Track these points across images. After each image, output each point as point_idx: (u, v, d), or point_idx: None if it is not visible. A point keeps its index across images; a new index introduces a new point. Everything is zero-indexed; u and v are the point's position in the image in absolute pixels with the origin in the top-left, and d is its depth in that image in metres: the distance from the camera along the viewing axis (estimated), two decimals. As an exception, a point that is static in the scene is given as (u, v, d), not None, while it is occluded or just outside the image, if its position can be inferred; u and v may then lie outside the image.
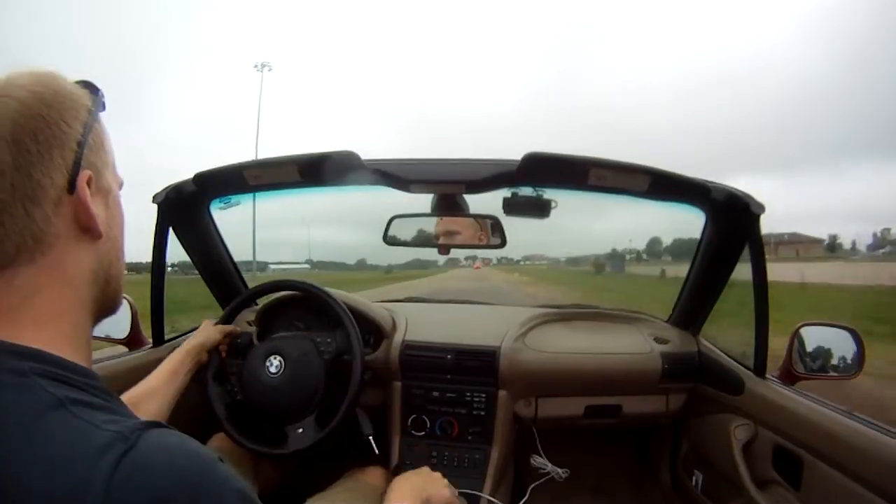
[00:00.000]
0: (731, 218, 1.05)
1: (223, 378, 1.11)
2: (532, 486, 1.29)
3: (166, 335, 1.30)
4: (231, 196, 1.21)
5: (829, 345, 1.13)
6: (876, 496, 0.74)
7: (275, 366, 1.06)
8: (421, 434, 1.21)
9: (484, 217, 1.15)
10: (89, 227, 0.42)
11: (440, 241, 1.19)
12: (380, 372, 1.24)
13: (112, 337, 1.25)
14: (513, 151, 0.98)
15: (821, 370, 1.12)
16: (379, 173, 1.04)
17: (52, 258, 0.41)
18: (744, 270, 1.05)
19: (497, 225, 1.12)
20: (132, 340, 1.26)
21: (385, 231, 1.16)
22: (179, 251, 1.30)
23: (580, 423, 1.28)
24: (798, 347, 1.12)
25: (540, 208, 1.04)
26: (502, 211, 1.07)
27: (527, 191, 1.04)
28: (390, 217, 1.15)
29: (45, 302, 0.40)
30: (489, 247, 1.15)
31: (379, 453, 1.15)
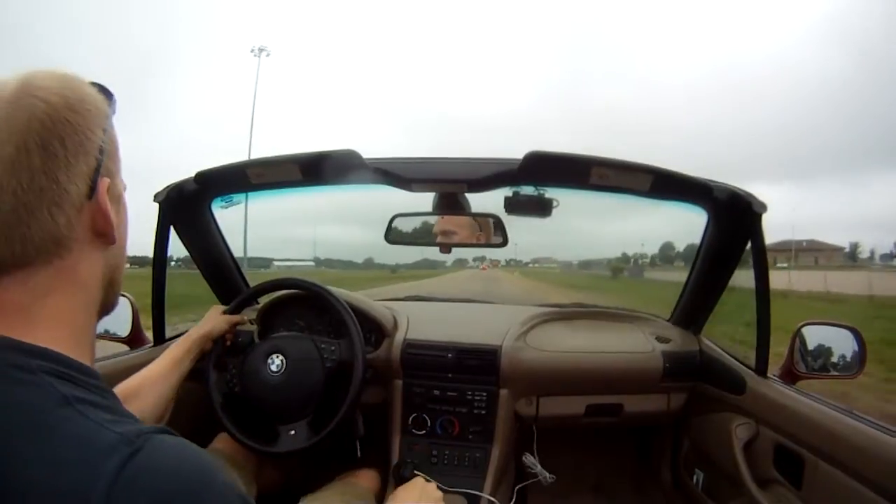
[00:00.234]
0: (734, 217, 1.05)
1: (223, 367, 1.11)
2: (518, 487, 1.28)
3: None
4: (232, 195, 1.21)
5: (831, 344, 1.13)
6: (877, 495, 0.74)
7: (276, 364, 1.06)
8: (421, 433, 1.21)
9: (485, 216, 1.15)
10: (105, 233, 0.44)
11: (441, 240, 1.19)
12: (381, 370, 1.24)
13: (113, 335, 1.25)
14: (522, 153, 0.98)
15: (822, 369, 1.12)
16: (380, 172, 1.04)
17: (69, 262, 0.42)
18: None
19: (499, 224, 1.12)
20: (133, 339, 1.26)
21: (387, 229, 1.16)
22: (183, 246, 1.30)
23: (581, 422, 1.28)
24: (799, 347, 1.12)
25: (541, 207, 1.04)
26: (504, 210, 1.07)
27: (528, 190, 1.04)
28: (392, 216, 1.15)
29: (57, 303, 0.41)
30: (490, 245, 1.15)
31: (362, 456, 1.17)
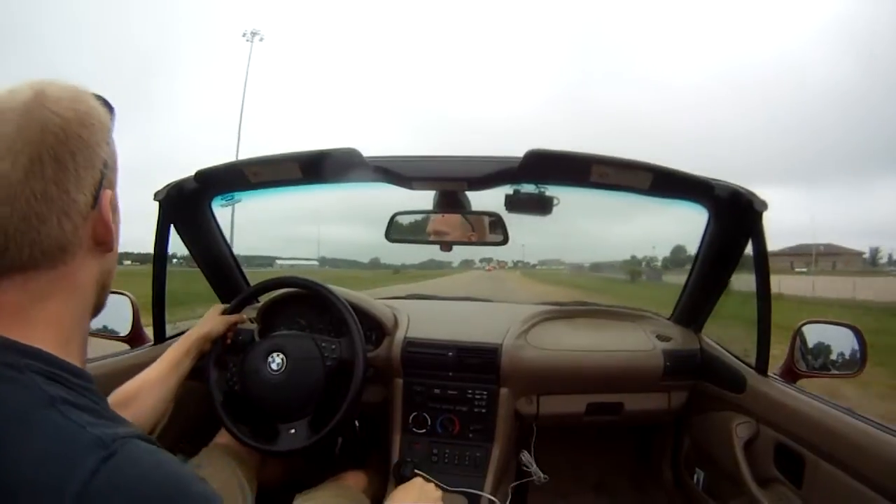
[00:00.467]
0: (734, 215, 1.04)
1: (223, 366, 1.11)
2: (513, 485, 1.27)
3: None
4: (232, 193, 1.21)
5: (832, 343, 1.13)
6: (877, 494, 0.74)
7: (276, 363, 1.05)
8: (422, 431, 1.21)
9: (486, 214, 1.15)
10: (104, 242, 0.46)
11: (442, 238, 1.19)
12: (381, 369, 1.24)
13: (113, 334, 1.25)
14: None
15: (823, 368, 1.12)
16: (381, 171, 1.04)
17: (70, 267, 0.44)
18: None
19: (499, 222, 1.12)
20: (133, 338, 1.26)
21: (388, 227, 1.16)
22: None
23: (582, 421, 1.27)
24: (800, 345, 1.12)
25: (542, 205, 1.04)
26: (504, 208, 1.06)
27: (529, 188, 1.04)
28: (393, 214, 1.15)
29: (55, 307, 0.43)
30: (491, 244, 1.15)
31: (360, 455, 1.16)
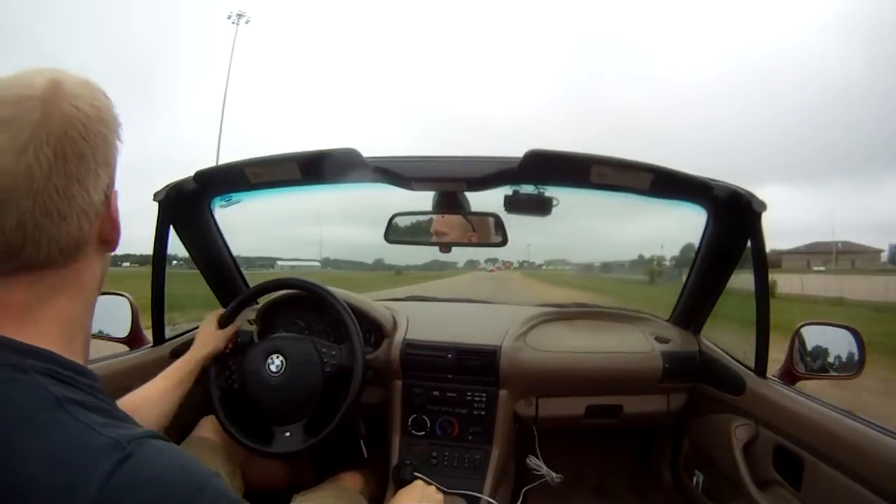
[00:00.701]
0: (733, 216, 1.04)
1: (223, 365, 1.12)
2: (525, 489, 1.28)
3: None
4: (232, 194, 1.21)
5: (830, 344, 1.13)
6: (877, 497, 0.74)
7: (276, 365, 1.06)
8: (421, 434, 1.20)
9: (485, 215, 1.15)
10: (110, 240, 0.46)
11: (440, 239, 1.19)
12: (380, 371, 1.24)
13: (113, 336, 1.24)
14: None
15: (822, 370, 1.12)
16: (380, 171, 1.04)
17: (80, 265, 0.43)
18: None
19: (499, 223, 1.12)
20: (133, 339, 1.26)
21: (387, 229, 1.16)
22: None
23: (581, 423, 1.27)
24: (799, 347, 1.12)
25: (541, 206, 1.04)
26: (504, 209, 1.07)
27: (528, 188, 1.04)
28: (392, 215, 1.15)
29: (60, 305, 0.42)
30: (491, 244, 1.15)
31: (358, 457, 1.18)
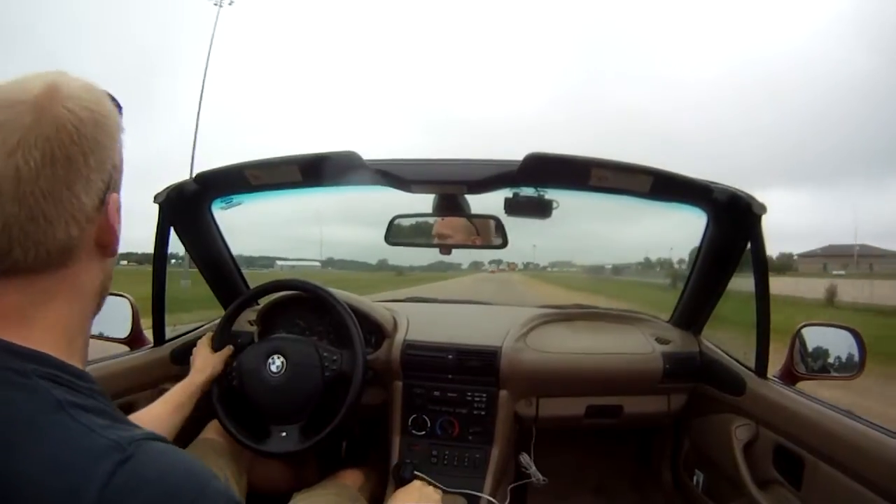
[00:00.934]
0: (733, 218, 1.05)
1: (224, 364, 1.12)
2: (511, 486, 1.28)
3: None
4: (232, 196, 1.21)
5: (831, 345, 1.13)
6: (877, 496, 0.74)
7: (276, 365, 1.06)
8: (421, 434, 1.21)
9: (485, 217, 1.15)
10: (107, 245, 0.45)
11: (440, 241, 1.19)
12: (381, 371, 1.24)
13: (113, 336, 1.25)
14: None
15: (822, 370, 1.12)
16: (380, 174, 1.04)
17: (74, 270, 0.42)
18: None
19: (499, 225, 1.13)
20: (133, 340, 1.26)
21: (387, 231, 1.16)
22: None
23: (581, 424, 1.27)
24: (799, 348, 1.12)
25: (541, 209, 1.04)
26: (504, 211, 1.07)
27: (528, 191, 1.04)
28: (392, 217, 1.15)
29: (57, 309, 0.42)
30: (491, 247, 1.16)
31: (357, 456, 1.18)
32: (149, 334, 1.29)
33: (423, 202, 1.15)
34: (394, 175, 1.05)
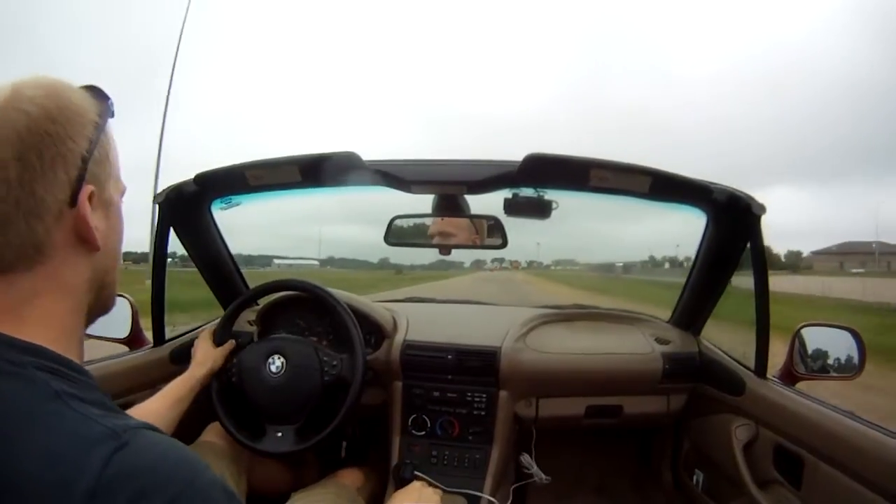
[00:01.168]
0: (733, 219, 1.05)
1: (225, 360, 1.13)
2: (514, 486, 1.28)
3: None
4: (232, 196, 1.21)
5: (830, 346, 1.13)
6: (877, 496, 0.74)
7: (276, 366, 1.06)
8: (421, 434, 1.21)
9: (484, 218, 1.15)
10: (87, 240, 0.44)
11: (438, 241, 1.19)
12: (381, 372, 1.24)
13: (113, 336, 1.25)
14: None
15: (822, 371, 1.12)
16: (380, 174, 1.04)
17: (51, 267, 0.42)
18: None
19: (498, 225, 1.13)
20: (133, 340, 1.26)
21: (386, 231, 1.16)
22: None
23: (581, 424, 1.28)
24: (799, 348, 1.12)
25: (541, 209, 1.04)
26: (503, 211, 1.07)
27: (528, 192, 1.04)
28: (391, 217, 1.15)
29: (43, 305, 0.42)
30: (490, 247, 1.16)
31: (354, 456, 1.20)
32: (148, 335, 1.29)
33: (423, 202, 1.16)
34: (393, 175, 1.05)
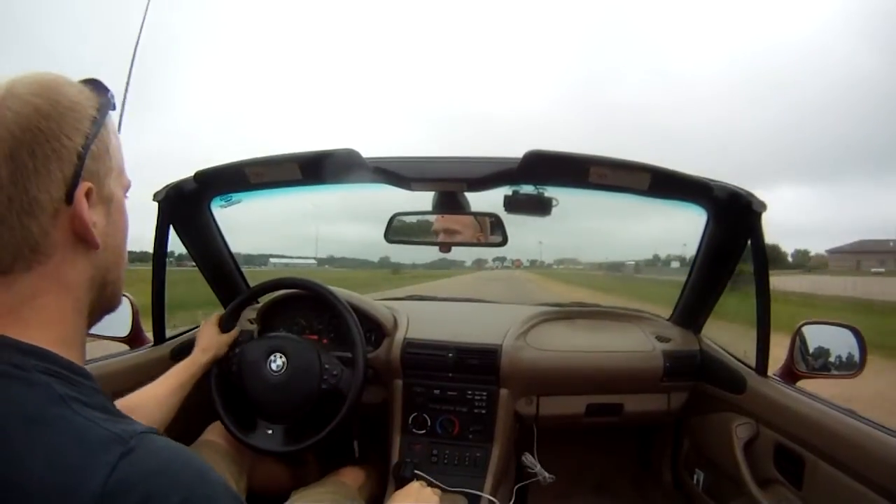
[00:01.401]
0: (733, 216, 1.05)
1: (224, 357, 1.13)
2: (517, 486, 1.28)
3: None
4: (232, 194, 1.21)
5: (831, 344, 1.13)
6: (878, 495, 0.74)
7: (277, 364, 1.07)
8: (422, 432, 1.21)
9: (485, 215, 1.15)
10: (86, 238, 0.43)
11: (442, 239, 1.19)
12: (381, 370, 1.24)
13: (113, 335, 1.25)
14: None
15: (822, 369, 1.12)
16: (380, 172, 1.04)
17: (51, 266, 0.41)
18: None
19: (498, 223, 1.12)
20: (133, 338, 1.26)
21: (387, 229, 1.16)
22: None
23: (582, 422, 1.27)
24: (800, 346, 1.12)
25: (541, 206, 1.04)
26: (503, 209, 1.07)
27: (528, 189, 1.04)
28: (392, 214, 1.15)
29: (45, 305, 0.41)
30: (490, 244, 1.16)
31: (359, 456, 1.20)
32: (149, 334, 1.29)
33: (423, 200, 1.16)
34: (393, 173, 1.05)
